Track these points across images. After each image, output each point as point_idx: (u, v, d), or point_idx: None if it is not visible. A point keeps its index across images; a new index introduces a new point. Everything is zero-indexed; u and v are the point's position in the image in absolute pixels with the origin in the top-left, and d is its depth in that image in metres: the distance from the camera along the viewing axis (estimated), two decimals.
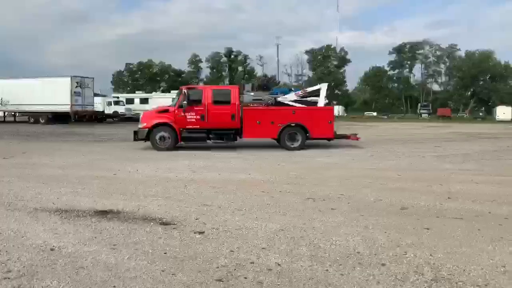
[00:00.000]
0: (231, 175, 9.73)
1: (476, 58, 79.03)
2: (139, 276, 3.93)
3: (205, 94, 15.76)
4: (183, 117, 15.53)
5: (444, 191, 7.85)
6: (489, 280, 3.85)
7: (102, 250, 4.61)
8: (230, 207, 6.52)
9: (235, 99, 15.89)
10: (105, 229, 5.38)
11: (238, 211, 6.29)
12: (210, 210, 6.32)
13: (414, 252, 4.54)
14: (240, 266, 4.14)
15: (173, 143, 15.45)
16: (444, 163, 12.15)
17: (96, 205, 6.65)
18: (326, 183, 8.75)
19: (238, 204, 6.71)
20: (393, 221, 5.81)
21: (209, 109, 15.55)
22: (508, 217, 6.05)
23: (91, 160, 12.40)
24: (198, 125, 15.62)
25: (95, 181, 8.84)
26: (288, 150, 15.52)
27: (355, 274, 3.98)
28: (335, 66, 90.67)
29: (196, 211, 6.24)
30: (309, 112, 16.29)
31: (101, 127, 32.59)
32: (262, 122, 15.84)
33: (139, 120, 16.26)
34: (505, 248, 4.69)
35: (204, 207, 6.53)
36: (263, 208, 6.47)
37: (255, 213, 6.17)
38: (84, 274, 3.98)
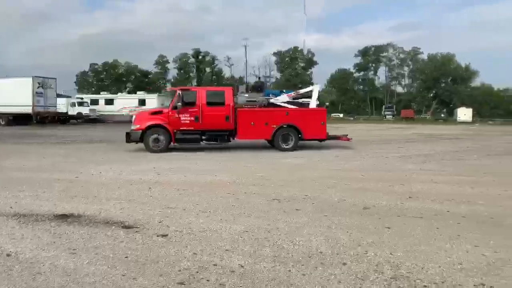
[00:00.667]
0: (197, 176, 9.67)
1: (438, 61, 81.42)
2: (99, 281, 3.85)
3: (199, 95, 15.76)
4: (177, 118, 15.48)
5: (405, 191, 8.04)
6: (446, 278, 3.96)
7: (61, 255, 4.50)
8: (195, 209, 6.48)
9: (229, 101, 15.95)
10: (64, 234, 5.24)
11: (203, 213, 6.25)
12: (174, 213, 6.26)
13: (375, 251, 4.63)
14: (202, 268, 4.12)
15: (167, 144, 15.36)
16: (406, 164, 12.45)
17: (56, 208, 6.49)
18: (292, 184, 8.81)
19: (203, 206, 6.67)
20: (356, 220, 5.91)
21: (203, 111, 15.56)
22: (466, 215, 6.25)
23: (53, 163, 12.07)
24: (192, 127, 15.59)
25: (56, 184, 8.61)
26: (282, 151, 15.62)
27: (317, 274, 4.02)
28: (302, 68, 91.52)
29: (160, 214, 6.17)
30: (302, 113, 16.46)
31: (65, 128, 31.81)
32: (256, 124, 15.91)
33: (132, 122, 16.07)
34: (462, 246, 4.84)
35: (168, 209, 6.46)
36: (228, 210, 6.46)
37: (219, 215, 6.14)
38: (41, 280, 3.87)
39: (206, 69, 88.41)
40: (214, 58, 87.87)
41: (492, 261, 4.38)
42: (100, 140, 20.85)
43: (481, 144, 20.24)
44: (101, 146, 16.70)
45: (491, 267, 4.21)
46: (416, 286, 3.78)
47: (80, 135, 24.52)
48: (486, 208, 6.67)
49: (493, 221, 5.95)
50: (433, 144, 19.82)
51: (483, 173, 10.63)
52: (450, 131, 33.99)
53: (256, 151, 15.65)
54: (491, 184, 8.97)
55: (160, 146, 15.21)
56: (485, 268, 4.19)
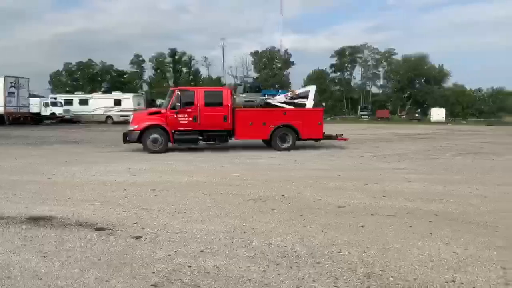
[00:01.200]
0: (173, 177, 9.59)
1: (412, 61, 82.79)
2: (71, 284, 3.79)
3: (198, 95, 15.71)
4: (175, 118, 15.43)
5: (379, 190, 8.16)
6: (418, 275, 4.03)
7: (32, 259, 4.41)
8: (170, 210, 6.43)
9: (227, 101, 15.94)
10: (36, 237, 5.14)
11: (178, 214, 6.21)
12: (149, 214, 6.20)
13: (349, 250, 4.68)
14: (177, 270, 4.09)
15: (165, 145, 15.29)
16: (381, 163, 12.64)
17: (27, 211, 6.35)
18: (268, 184, 8.83)
19: (178, 207, 6.62)
20: (331, 220, 5.96)
21: (201, 111, 15.54)
22: (438, 213, 6.38)
23: (25, 164, 11.80)
24: (190, 127, 15.56)
25: (28, 186, 8.42)
26: (279, 150, 15.75)
27: (291, 273, 4.04)
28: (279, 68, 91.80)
29: (134, 216, 6.10)
30: (300, 114, 16.60)
31: (38, 129, 31.12)
32: (254, 124, 16.00)
33: (129, 122, 15.93)
34: (434, 244, 4.94)
35: (142, 211, 6.39)
36: (204, 211, 6.43)
37: (195, 216, 6.11)
38: (11, 284, 3.79)
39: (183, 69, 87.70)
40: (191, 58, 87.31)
41: (463, 258, 4.48)
42: (74, 141, 20.48)
43: (453, 143, 20.68)
44: (75, 147, 16.40)
45: (461, 264, 4.31)
46: (389, 284, 3.83)
47: (53, 136, 24.03)
48: (457, 206, 6.82)
49: (464, 218, 6.09)
50: (407, 144, 20.16)
51: (455, 172, 10.87)
52: (424, 130, 34.62)
53: (235, 152, 15.62)
54: (462, 182, 9.18)
55: (159, 147, 15.14)
56: (456, 265, 4.29)
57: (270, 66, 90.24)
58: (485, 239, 5.12)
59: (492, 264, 4.29)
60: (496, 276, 3.99)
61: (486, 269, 4.16)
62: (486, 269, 4.18)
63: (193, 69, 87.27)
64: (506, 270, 4.12)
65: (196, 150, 15.88)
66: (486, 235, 5.30)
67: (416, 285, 3.80)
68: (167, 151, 15.25)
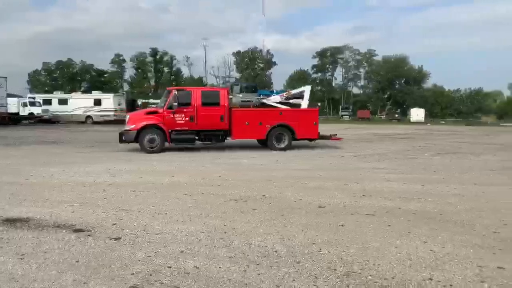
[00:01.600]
0: (154, 178, 9.51)
1: (392, 62, 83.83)
2: (48, 286, 3.74)
3: (194, 95, 15.76)
4: (172, 118, 15.48)
5: (359, 189, 8.23)
6: (396, 273, 4.08)
7: (9, 261, 4.33)
8: (150, 211, 6.38)
9: (224, 101, 16.03)
10: (13, 239, 5.04)
11: (159, 215, 6.16)
12: (128, 215, 6.14)
13: (329, 249, 4.71)
14: (156, 271, 4.06)
15: (162, 144, 15.36)
16: (361, 163, 12.76)
17: (4, 213, 6.22)
18: (250, 184, 8.83)
19: (158, 208, 6.57)
20: (311, 219, 5.99)
21: (198, 111, 15.63)
22: (416, 212, 6.47)
23: (3, 165, 11.56)
24: (187, 127, 15.63)
25: (5, 187, 8.26)
26: (275, 150, 15.92)
27: (271, 273, 4.05)
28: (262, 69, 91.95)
29: (114, 217, 6.03)
30: (295, 114, 16.80)
31: (16, 129, 30.51)
32: (250, 123, 16.13)
33: (125, 122, 15.88)
34: (412, 242, 5.01)
35: (122, 212, 6.33)
36: (185, 211, 6.40)
37: (175, 217, 6.08)
38: None
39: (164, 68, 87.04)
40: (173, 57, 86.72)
41: (440, 256, 4.55)
42: (53, 141, 20.15)
43: (432, 143, 21.00)
44: (54, 148, 16.11)
45: (438, 262, 4.38)
46: (367, 282, 3.87)
47: (32, 136, 23.59)
48: (435, 205, 6.93)
49: (441, 217, 6.19)
50: (387, 144, 20.39)
51: (433, 171, 11.04)
52: (404, 131, 35.07)
53: (216, 152, 15.58)
54: (440, 181, 9.33)
55: (156, 146, 15.21)
56: (433, 263, 4.35)
57: (252, 66, 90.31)
58: (462, 237, 5.21)
59: (468, 262, 4.37)
60: (473, 274, 4.06)
61: (463, 267, 4.24)
62: (463, 267, 4.25)
63: (175, 69, 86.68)
64: (482, 268, 4.20)
65: (178, 150, 15.78)
66: (463, 233, 5.39)
67: (394, 283, 3.85)
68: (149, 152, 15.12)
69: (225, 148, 16.74)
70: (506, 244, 4.97)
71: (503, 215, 6.34)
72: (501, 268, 4.21)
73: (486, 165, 12.34)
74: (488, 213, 6.43)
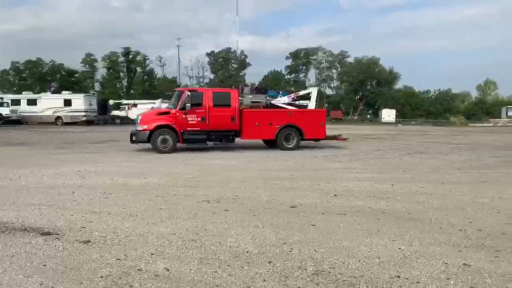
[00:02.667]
0: (125, 180, 9.38)
1: (364, 64, 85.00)
2: None
3: (206, 96, 16.02)
4: (184, 119, 15.68)
5: (331, 189, 8.33)
6: (365, 271, 4.15)
7: None
8: (121, 213, 6.29)
9: (234, 102, 16.34)
10: None
11: (129, 217, 6.09)
12: (98, 218, 6.04)
13: (300, 248, 4.75)
14: (126, 274, 4.01)
15: (174, 145, 15.54)
16: (333, 163, 12.91)
17: None
18: (222, 185, 8.82)
19: (129, 210, 6.49)
20: (283, 219, 6.03)
21: (210, 112, 15.87)
22: (386, 211, 6.59)
23: None
24: (199, 127, 15.85)
25: None
26: (284, 150, 16.35)
27: (242, 273, 4.05)
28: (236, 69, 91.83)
29: (83, 219, 5.92)
30: (304, 114, 17.40)
31: None
32: (260, 124, 16.56)
33: (137, 122, 15.90)
34: (381, 241, 5.11)
35: (92, 214, 6.22)
36: (156, 213, 6.34)
37: (146, 219, 6.01)
38: None
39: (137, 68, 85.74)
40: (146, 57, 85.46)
41: (408, 254, 4.65)
42: (22, 143, 19.63)
43: (402, 143, 21.43)
44: (22, 149, 15.68)
45: (406, 260, 4.47)
46: (337, 280, 3.93)
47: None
48: (404, 204, 7.08)
49: (409, 216, 6.33)
50: (359, 144, 20.68)
51: (402, 170, 11.27)
52: (375, 131, 35.65)
53: (189, 153, 15.49)
54: (409, 181, 9.53)
55: (168, 147, 15.40)
56: (401, 261, 4.45)
57: (227, 67, 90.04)
58: (429, 235, 5.34)
59: (435, 260, 4.48)
60: (439, 271, 4.17)
61: (430, 264, 4.34)
62: (430, 264, 4.36)
63: (148, 69, 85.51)
64: (448, 265, 4.31)
65: (149, 151, 15.61)
66: (430, 231, 5.53)
67: (363, 281, 3.92)
68: (121, 153, 14.91)
69: (196, 149, 16.65)
70: (471, 241, 5.12)
71: (468, 213, 6.53)
72: (467, 265, 4.33)
73: (453, 165, 12.67)
74: (454, 212, 6.61)
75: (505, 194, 8.03)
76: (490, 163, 13.36)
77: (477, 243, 5.04)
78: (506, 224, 5.90)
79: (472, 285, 3.85)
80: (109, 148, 17.45)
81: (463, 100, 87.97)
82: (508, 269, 4.21)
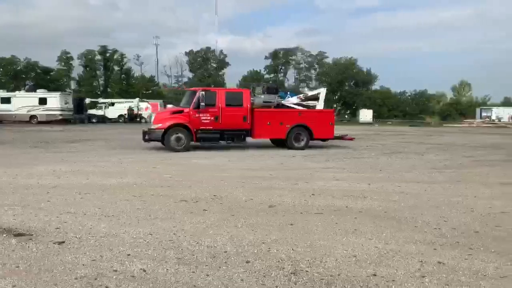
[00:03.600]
0: (101, 179, 9.25)
1: (342, 65, 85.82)
2: None
3: (219, 96, 16.37)
4: (198, 118, 16.00)
5: (309, 188, 8.38)
6: (342, 270, 4.19)
7: None
8: (97, 214, 6.19)
9: (246, 102, 16.65)
10: None
11: (105, 218, 6.00)
12: (73, 218, 5.93)
13: (278, 248, 4.76)
14: (101, 275, 3.95)
15: (188, 143, 15.81)
16: (311, 162, 13.00)
17: None
18: (201, 184, 8.77)
19: (105, 210, 6.39)
20: (261, 219, 6.04)
21: (223, 111, 16.21)
22: (362, 210, 6.67)
23: None
24: (212, 126, 16.19)
25: None
26: (294, 149, 16.67)
27: (220, 273, 4.04)
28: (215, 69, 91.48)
29: (58, 220, 5.81)
30: (313, 114, 17.81)
31: None
32: (272, 123, 16.90)
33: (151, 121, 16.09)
34: (358, 239, 5.16)
35: (67, 215, 6.10)
36: (132, 213, 6.26)
37: (123, 219, 5.94)
38: None
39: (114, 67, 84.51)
40: (123, 56, 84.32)
41: (384, 252, 4.71)
42: None
43: (379, 143, 21.72)
44: None
45: (382, 258, 4.53)
46: (314, 279, 3.95)
47: None
48: (380, 203, 7.17)
49: (386, 215, 6.41)
50: (336, 143, 20.81)
51: (379, 170, 11.42)
52: (353, 131, 35.90)
53: (168, 153, 15.36)
54: (385, 180, 9.66)
55: (182, 145, 15.63)
56: (378, 259, 4.50)
57: (206, 66, 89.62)
58: (405, 234, 5.42)
59: (410, 258, 4.54)
60: (414, 269, 4.23)
61: (405, 263, 4.40)
62: (405, 262, 4.42)
63: (125, 68, 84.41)
64: (423, 264, 4.38)
65: (127, 150, 15.43)
66: (406, 230, 5.61)
67: (340, 280, 3.95)
68: (94, 153, 14.69)
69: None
70: (446, 240, 5.22)
71: (443, 212, 6.65)
72: (441, 263, 4.41)
73: (429, 164, 12.90)
74: (429, 210, 6.73)
75: (478, 193, 8.21)
76: (464, 162, 13.65)
77: (452, 242, 5.13)
78: (479, 223, 6.03)
79: (446, 282, 3.92)
80: (86, 147, 17.17)
81: (439, 101, 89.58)
82: (481, 267, 4.31)
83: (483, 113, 65.46)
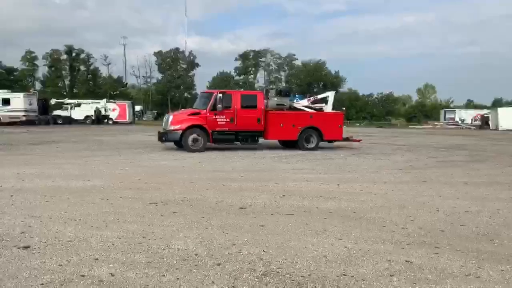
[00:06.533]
0: (67, 182, 9.01)
1: (311, 67, 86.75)
2: None
3: (235, 98, 16.84)
4: (214, 119, 16.42)
5: (279, 190, 8.42)
6: (313, 270, 4.22)
7: None
8: (63, 217, 6.03)
9: (260, 104, 17.19)
10: None
11: (72, 221, 5.84)
12: (38, 222, 5.75)
13: (249, 249, 4.76)
14: (68, 280, 3.84)
15: (204, 144, 16.19)
16: (282, 163, 13.07)
17: None
18: (171, 186, 8.68)
19: (72, 214, 6.23)
20: (232, 220, 6.02)
21: (238, 113, 16.67)
22: (332, 211, 6.74)
23: None
24: (227, 128, 16.64)
25: None
26: (305, 150, 17.13)
27: (191, 276, 4.00)
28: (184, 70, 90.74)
29: (22, 224, 5.62)
30: (323, 117, 18.33)
31: None
32: (284, 125, 17.41)
33: (167, 123, 16.49)
34: (328, 240, 5.21)
35: (31, 218, 5.92)
36: (100, 216, 6.13)
37: (90, 222, 5.80)
38: None
39: (80, 67, 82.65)
40: (90, 55, 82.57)
41: (353, 252, 4.78)
42: None
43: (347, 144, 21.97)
44: None
45: (352, 258, 4.59)
46: (285, 280, 3.96)
47: None
48: (349, 203, 7.27)
49: (355, 215, 6.51)
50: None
51: (348, 171, 11.59)
52: None
53: (136, 154, 15.14)
54: (354, 181, 9.81)
55: (199, 146, 16.06)
56: (347, 259, 4.56)
57: (175, 67, 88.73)
58: (374, 233, 5.52)
59: (379, 257, 4.62)
60: (383, 268, 4.30)
61: (374, 262, 4.48)
62: (374, 262, 4.49)
63: (92, 68, 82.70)
64: (392, 263, 4.46)
65: (96, 154, 15.11)
66: (374, 229, 5.71)
67: (311, 280, 3.97)
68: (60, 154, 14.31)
69: (143, 150, 16.32)
70: (413, 239, 5.34)
71: (409, 211, 6.80)
72: (409, 261, 4.50)
73: (395, 165, 13.18)
74: (396, 210, 6.87)
75: (443, 193, 8.45)
76: (429, 163, 14.01)
77: (418, 241, 5.25)
78: (444, 222, 6.20)
79: (414, 281, 4.00)
80: (51, 149, 16.71)
81: (404, 103, 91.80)
82: (447, 265, 4.42)
83: (447, 114, 67.35)
